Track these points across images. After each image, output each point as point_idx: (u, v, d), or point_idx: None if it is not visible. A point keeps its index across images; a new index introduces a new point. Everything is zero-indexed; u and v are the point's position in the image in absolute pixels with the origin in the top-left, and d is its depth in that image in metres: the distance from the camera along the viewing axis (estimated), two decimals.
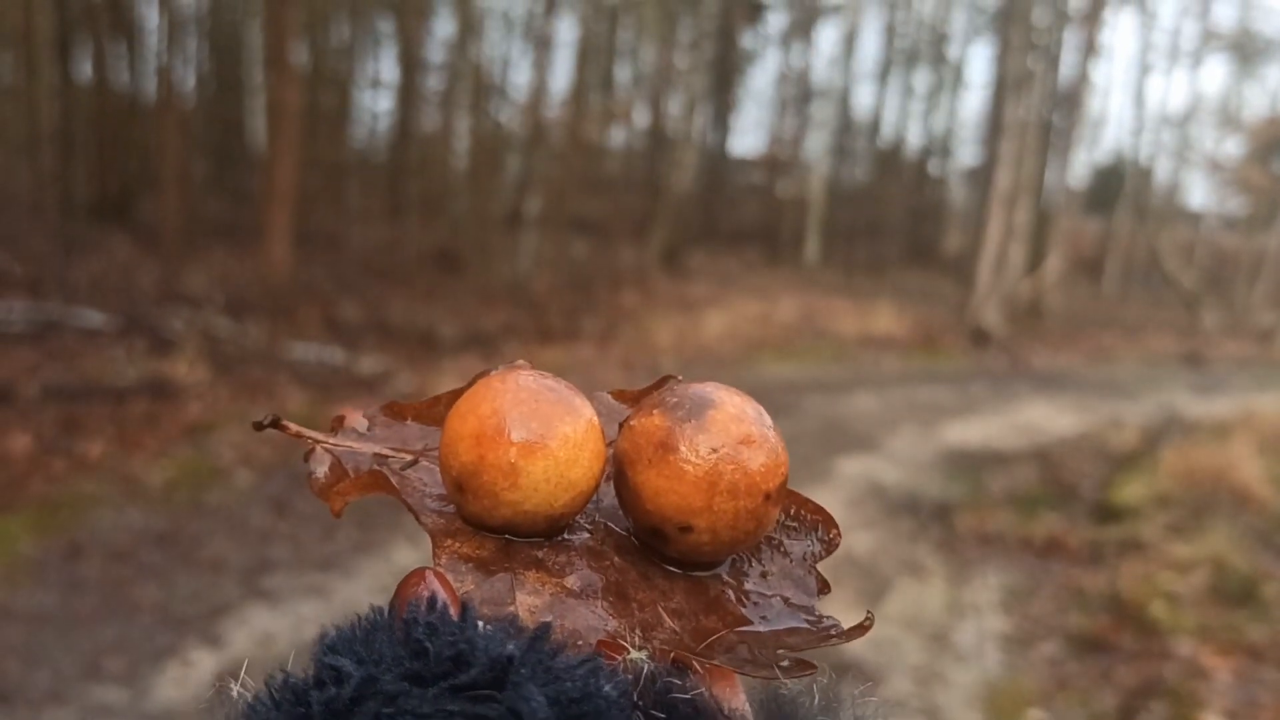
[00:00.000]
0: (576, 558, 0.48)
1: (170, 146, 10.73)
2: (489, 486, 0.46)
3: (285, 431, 0.51)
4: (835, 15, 22.20)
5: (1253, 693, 3.57)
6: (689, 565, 0.50)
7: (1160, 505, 5.56)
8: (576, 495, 0.47)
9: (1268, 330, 17.46)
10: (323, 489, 0.50)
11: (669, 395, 0.49)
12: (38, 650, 3.34)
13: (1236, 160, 24.08)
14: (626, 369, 9.02)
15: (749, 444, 0.47)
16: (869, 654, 3.78)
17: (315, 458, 0.51)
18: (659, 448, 0.47)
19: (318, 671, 0.33)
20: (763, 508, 0.48)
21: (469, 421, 0.47)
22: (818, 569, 0.52)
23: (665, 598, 0.48)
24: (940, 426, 7.96)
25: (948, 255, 22.56)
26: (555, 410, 0.47)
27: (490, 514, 0.47)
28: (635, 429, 0.49)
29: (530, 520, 0.47)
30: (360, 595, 3.93)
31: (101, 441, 5.31)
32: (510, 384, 0.48)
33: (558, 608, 0.45)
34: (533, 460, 0.46)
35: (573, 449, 0.47)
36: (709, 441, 0.47)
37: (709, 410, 0.48)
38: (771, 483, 0.48)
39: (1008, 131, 13.45)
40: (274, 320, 8.30)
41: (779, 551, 0.53)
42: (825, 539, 0.54)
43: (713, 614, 0.48)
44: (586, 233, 15.68)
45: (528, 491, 0.46)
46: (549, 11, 13.14)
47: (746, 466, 0.47)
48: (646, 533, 0.49)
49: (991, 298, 13.65)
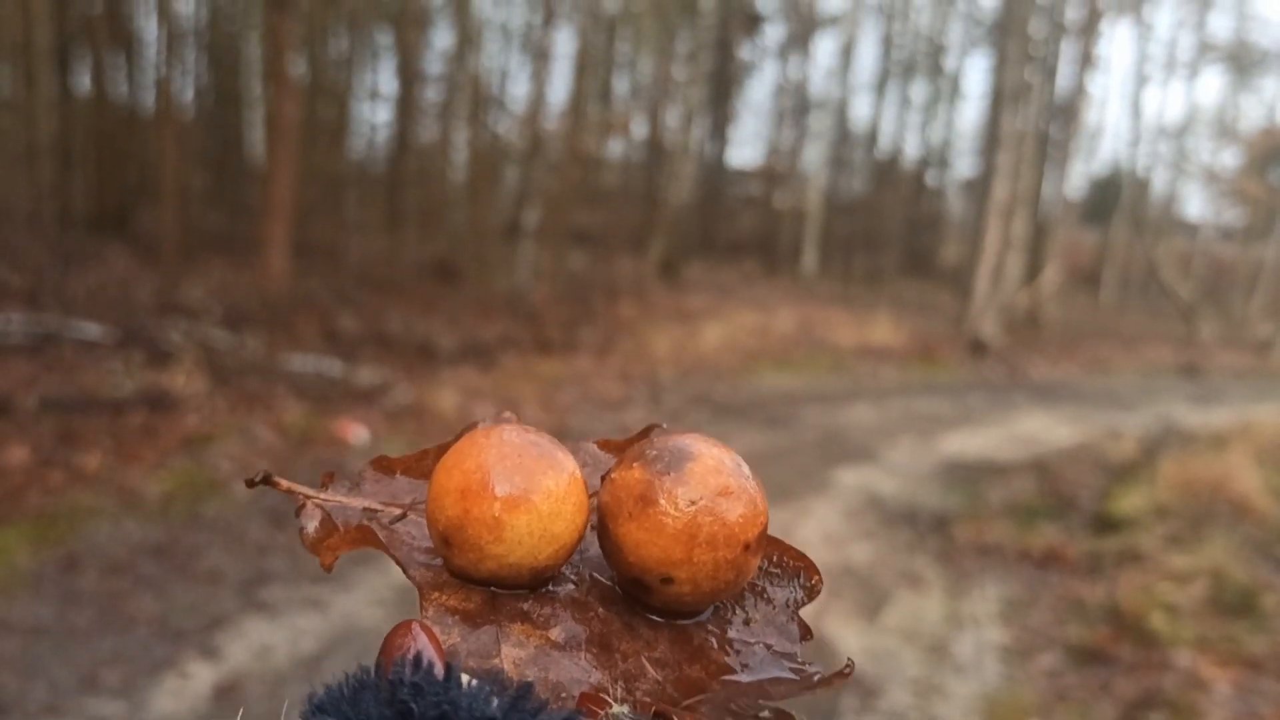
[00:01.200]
0: (561, 609, 0.49)
1: (169, 158, 10.74)
2: (474, 540, 0.47)
3: (277, 488, 0.53)
4: (833, 27, 22.27)
5: (1252, 704, 3.56)
6: (672, 615, 0.51)
7: (1159, 516, 5.56)
8: (560, 548, 0.49)
9: (1265, 341, 17.47)
10: (313, 544, 0.51)
11: (649, 448, 0.50)
12: (34, 663, 3.33)
13: (1233, 171, 24.13)
14: (624, 380, 9.02)
15: (727, 495, 0.48)
16: (868, 666, 3.77)
17: (306, 513, 0.52)
18: (639, 500, 0.48)
19: None
20: (742, 558, 0.49)
21: (454, 476, 0.48)
22: (800, 615, 0.53)
23: (649, 648, 0.49)
24: (938, 437, 7.96)
25: (945, 266, 22.59)
26: (538, 465, 0.48)
27: (476, 567, 0.48)
28: (616, 482, 0.50)
29: (515, 573, 0.48)
30: (357, 608, 3.92)
31: (99, 453, 5.30)
32: (494, 439, 0.49)
33: (542, 660, 0.45)
34: (516, 514, 0.47)
35: (555, 503, 0.48)
36: (687, 494, 0.48)
37: (687, 463, 0.49)
38: (750, 533, 0.49)
39: (1005, 143, 13.48)
40: (272, 332, 8.30)
41: (762, 598, 0.53)
42: (807, 585, 0.55)
43: (696, 663, 0.49)
44: (584, 244, 15.70)
45: (512, 545, 0.47)
46: (547, 23, 13.18)
47: (725, 518, 0.48)
48: (629, 584, 0.50)
49: (989, 309, 13.66)
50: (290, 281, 9.73)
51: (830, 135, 21.77)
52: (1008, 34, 13.81)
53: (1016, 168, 13.73)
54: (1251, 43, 22.12)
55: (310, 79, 14.65)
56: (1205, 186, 25.46)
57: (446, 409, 7.00)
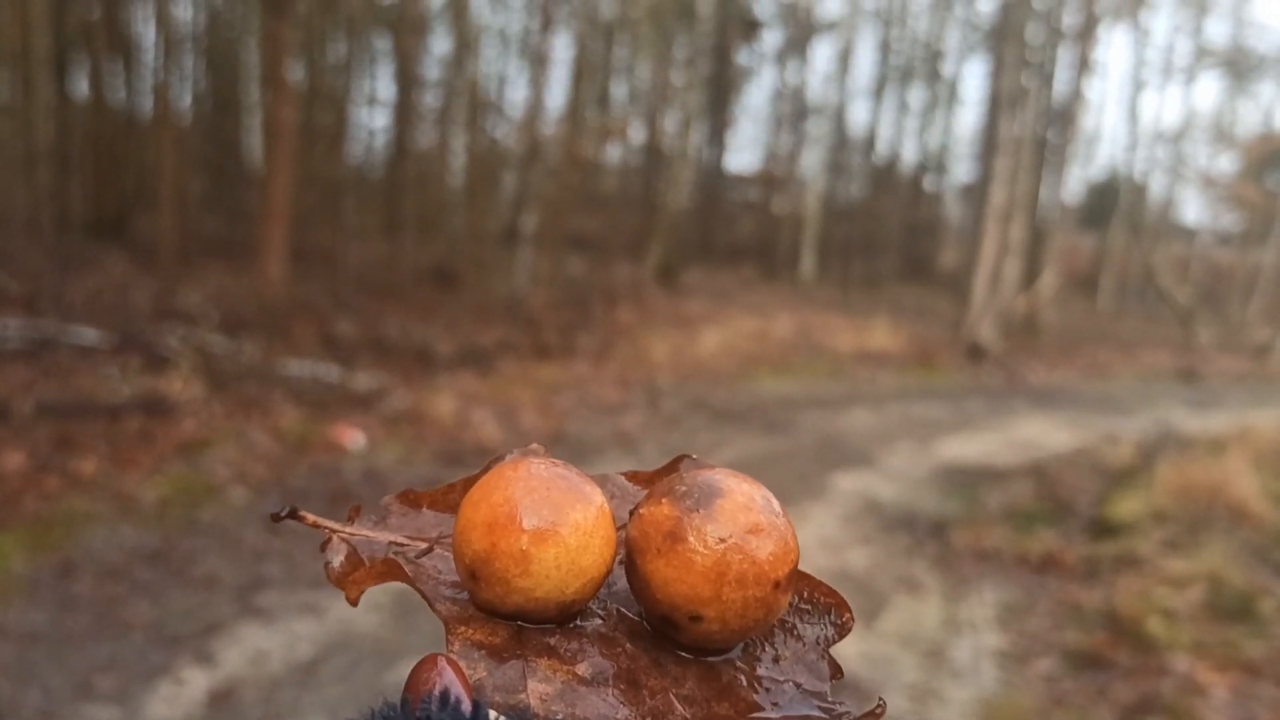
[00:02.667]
0: (589, 644, 0.49)
1: (167, 164, 10.74)
2: (501, 574, 0.47)
3: (303, 522, 0.52)
4: (830, 33, 22.31)
5: (1250, 709, 3.55)
6: (701, 652, 0.50)
7: (1156, 521, 5.55)
8: (588, 582, 0.48)
9: (1263, 345, 17.48)
10: (339, 578, 0.50)
11: (678, 484, 0.50)
12: (29, 669, 3.32)
13: (1230, 176, 24.18)
14: (622, 385, 9.02)
15: (757, 533, 0.48)
16: (865, 671, 3.77)
17: (332, 547, 0.52)
18: (667, 537, 0.48)
19: None
20: (772, 596, 0.48)
21: (481, 510, 0.48)
22: (830, 653, 0.53)
23: (677, 684, 0.48)
24: (936, 442, 7.96)
25: (943, 271, 22.60)
26: (566, 498, 0.48)
27: (503, 601, 0.48)
28: (644, 518, 0.50)
29: (542, 607, 0.48)
30: (354, 614, 3.91)
31: (95, 459, 5.29)
32: (522, 472, 0.49)
33: (569, 695, 0.45)
34: (544, 548, 0.47)
35: (584, 536, 0.48)
36: (717, 531, 0.47)
37: (717, 499, 0.48)
38: (781, 570, 0.48)
39: (1002, 148, 13.49)
40: (269, 337, 8.29)
41: (792, 635, 0.53)
42: (838, 623, 0.54)
43: (725, 700, 0.48)
44: (583, 249, 15.70)
45: (539, 579, 0.47)
46: (545, 29, 13.19)
47: (755, 556, 0.47)
48: (658, 620, 0.50)
49: (987, 314, 13.67)
50: (288, 287, 9.72)
51: (828, 140, 21.79)
52: (1005, 39, 13.83)
53: (1014, 173, 13.75)
54: (1248, 48, 22.17)
55: (308, 84, 14.65)
56: (1202, 191, 25.50)
57: (444, 414, 7.00)
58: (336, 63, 16.27)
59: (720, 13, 19.31)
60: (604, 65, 18.92)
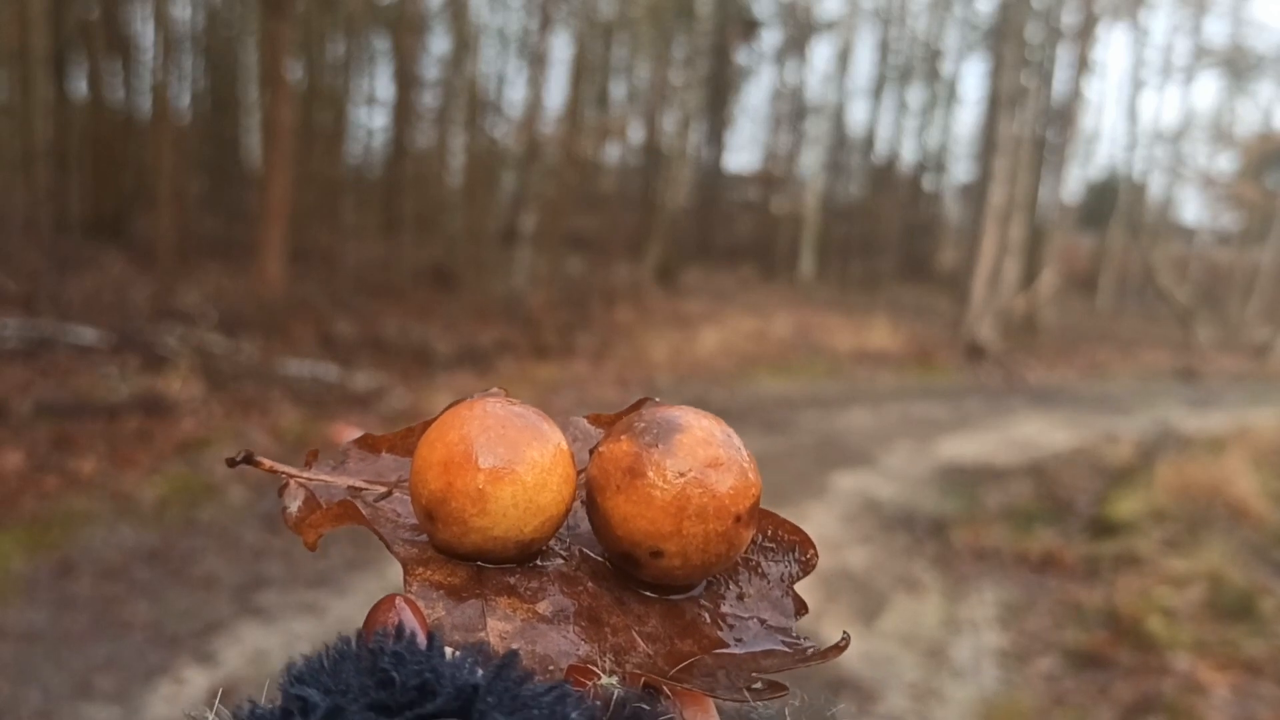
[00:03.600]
0: (549, 583, 0.48)
1: (165, 163, 10.72)
2: (458, 513, 0.46)
3: (259, 467, 0.52)
4: (829, 32, 22.31)
5: (1251, 708, 3.55)
6: (664, 589, 0.50)
7: (1156, 520, 5.55)
8: (546, 520, 0.48)
9: (1262, 345, 17.49)
10: (296, 523, 0.50)
11: (637, 420, 0.50)
12: (28, 668, 3.32)
13: (1229, 175, 24.19)
14: (621, 385, 9.01)
15: (717, 466, 0.47)
16: (865, 670, 3.76)
17: (289, 493, 0.51)
18: (627, 473, 0.47)
19: (285, 701, 0.33)
20: (733, 530, 0.48)
21: (437, 449, 0.47)
22: (795, 590, 0.52)
23: (640, 622, 0.48)
24: (935, 442, 7.96)
25: (942, 271, 22.60)
26: (523, 436, 0.47)
27: (460, 541, 0.47)
28: (604, 455, 0.49)
29: (501, 546, 0.47)
30: (353, 612, 3.90)
31: (94, 458, 5.28)
32: (478, 411, 0.48)
33: (529, 633, 0.45)
34: (500, 486, 0.46)
35: (541, 474, 0.47)
36: (676, 465, 0.47)
37: (676, 434, 0.48)
38: (742, 505, 0.48)
39: (1001, 147, 13.49)
40: (268, 337, 8.28)
41: (756, 573, 0.52)
42: (802, 559, 0.54)
43: (688, 637, 0.48)
44: (581, 249, 15.69)
45: (496, 517, 0.46)
46: (544, 28, 13.18)
47: (715, 489, 0.47)
48: (619, 558, 0.49)
49: (986, 313, 13.67)
50: (286, 286, 9.71)
51: (827, 140, 21.79)
52: (1004, 39, 13.83)
53: (1013, 172, 13.75)
54: (1247, 47, 22.18)
55: (307, 84, 14.64)
56: (1202, 191, 25.53)
57: None
58: (335, 62, 16.27)
59: (719, 12, 19.31)
60: (603, 65, 18.93)
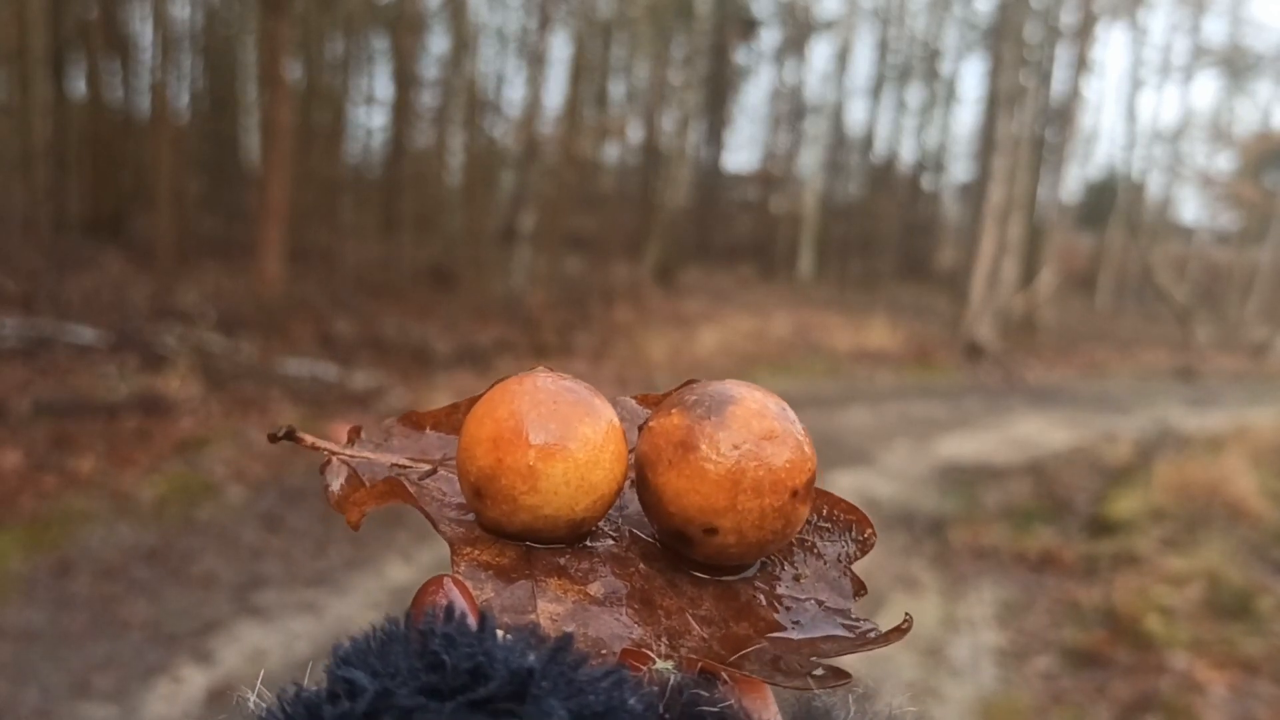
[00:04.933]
0: (600, 564, 0.47)
1: (164, 163, 10.72)
2: (507, 491, 0.45)
3: (301, 443, 0.50)
4: (828, 32, 22.31)
5: (1248, 707, 3.55)
6: (717, 569, 0.48)
7: (1154, 519, 5.55)
8: (598, 499, 0.46)
9: (1260, 344, 17.50)
10: (339, 501, 0.49)
11: (688, 394, 0.48)
12: (26, 668, 3.32)
13: (1228, 175, 24.20)
14: (620, 385, 9.01)
15: (772, 439, 0.46)
16: (863, 669, 3.75)
17: (331, 469, 0.50)
18: (679, 447, 0.46)
19: (331, 684, 0.32)
20: (790, 505, 0.46)
21: (486, 425, 0.46)
22: (853, 570, 0.51)
23: (694, 604, 0.46)
24: (934, 441, 7.96)
25: (941, 270, 22.61)
26: (574, 412, 0.46)
27: (509, 519, 0.46)
28: (654, 429, 0.47)
29: (551, 525, 0.46)
30: (352, 612, 3.91)
31: (92, 457, 5.28)
32: (528, 386, 0.47)
33: (580, 615, 0.44)
34: (552, 463, 0.45)
35: (593, 451, 0.45)
36: (730, 438, 0.45)
37: (729, 406, 0.46)
38: (798, 479, 0.46)
39: (1000, 147, 13.50)
40: (267, 336, 8.28)
41: (812, 553, 0.51)
42: (860, 539, 0.52)
43: (744, 620, 0.46)
44: (580, 248, 15.70)
45: (547, 495, 0.45)
46: (543, 28, 13.19)
47: (770, 463, 0.45)
48: (671, 536, 0.48)
49: (985, 312, 13.67)
50: (285, 286, 9.71)
51: (826, 140, 21.80)
52: (1003, 38, 13.83)
53: (1012, 172, 13.75)
54: (1246, 47, 22.19)
55: (306, 84, 14.64)
56: (1200, 190, 25.54)
57: None
58: (334, 62, 16.26)
59: (718, 12, 19.32)
60: (602, 64, 18.92)
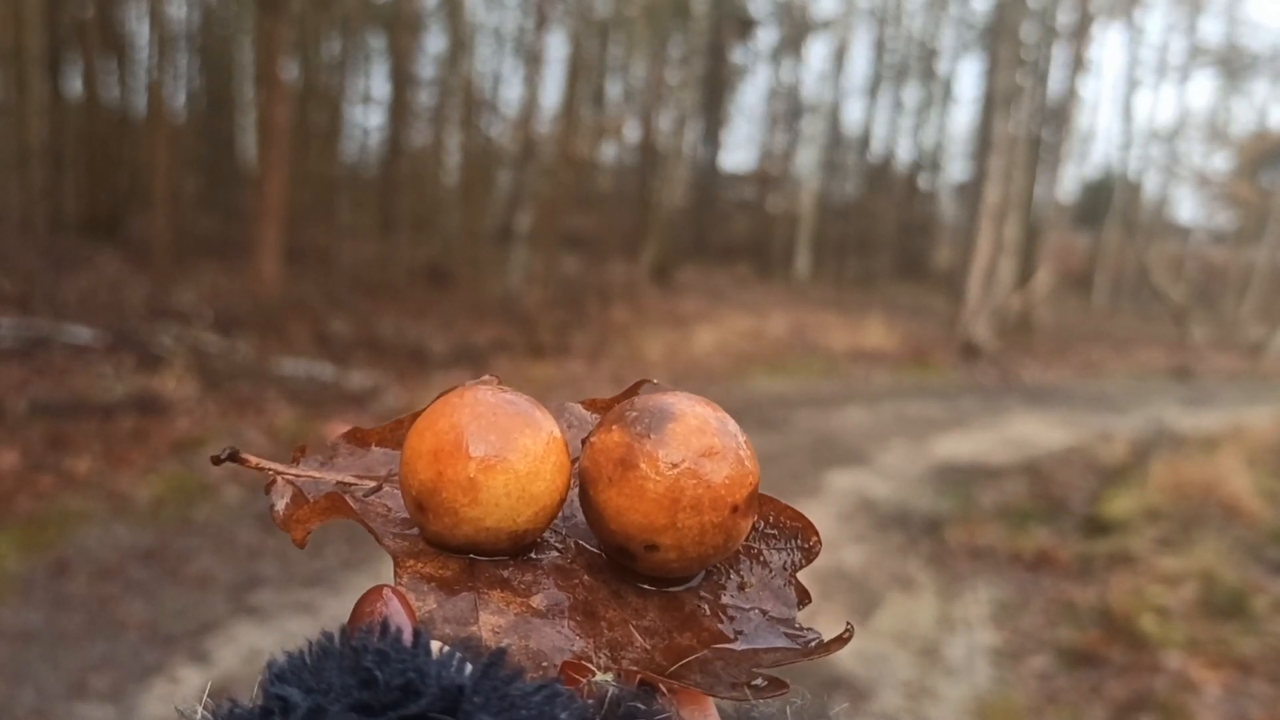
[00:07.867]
0: (543, 576, 0.47)
1: (160, 162, 10.71)
2: (449, 504, 0.45)
3: (245, 464, 0.50)
4: (825, 31, 22.31)
5: (1243, 706, 3.56)
6: (661, 582, 0.48)
7: (1150, 519, 5.57)
8: (540, 510, 0.46)
9: (1256, 344, 17.52)
10: (284, 520, 0.48)
11: (629, 409, 0.48)
12: (23, 668, 3.32)
13: (1225, 175, 24.23)
14: (617, 384, 8.96)
15: (711, 456, 0.46)
16: (859, 669, 3.77)
17: (276, 490, 0.50)
18: (619, 465, 0.46)
19: (265, 700, 0.32)
20: (730, 520, 0.46)
21: (426, 439, 0.46)
22: (797, 578, 0.51)
23: (638, 615, 0.46)
24: (930, 441, 7.97)
25: (938, 270, 22.62)
26: (514, 424, 0.46)
27: (452, 532, 0.46)
28: (596, 446, 0.48)
29: (493, 537, 0.46)
30: (348, 611, 3.90)
31: (89, 458, 5.28)
32: (469, 399, 0.47)
33: (522, 627, 0.44)
34: (492, 475, 0.45)
35: (534, 462, 0.46)
36: (669, 456, 0.45)
37: (668, 423, 0.46)
38: (739, 494, 0.46)
39: (997, 146, 13.51)
40: (263, 336, 8.28)
41: (757, 561, 0.51)
42: (805, 546, 0.52)
43: (688, 630, 0.46)
44: (577, 248, 15.70)
45: (489, 507, 0.45)
46: (540, 27, 13.18)
47: (710, 480, 0.45)
48: (614, 551, 0.48)
49: (981, 312, 13.68)
50: (282, 285, 9.71)
51: (823, 139, 21.80)
52: (999, 38, 13.85)
53: (1008, 171, 13.76)
54: (1242, 46, 22.22)
55: (302, 83, 14.63)
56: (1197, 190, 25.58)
57: None
58: (331, 61, 16.25)
59: (715, 11, 19.32)
60: (599, 64, 18.92)
